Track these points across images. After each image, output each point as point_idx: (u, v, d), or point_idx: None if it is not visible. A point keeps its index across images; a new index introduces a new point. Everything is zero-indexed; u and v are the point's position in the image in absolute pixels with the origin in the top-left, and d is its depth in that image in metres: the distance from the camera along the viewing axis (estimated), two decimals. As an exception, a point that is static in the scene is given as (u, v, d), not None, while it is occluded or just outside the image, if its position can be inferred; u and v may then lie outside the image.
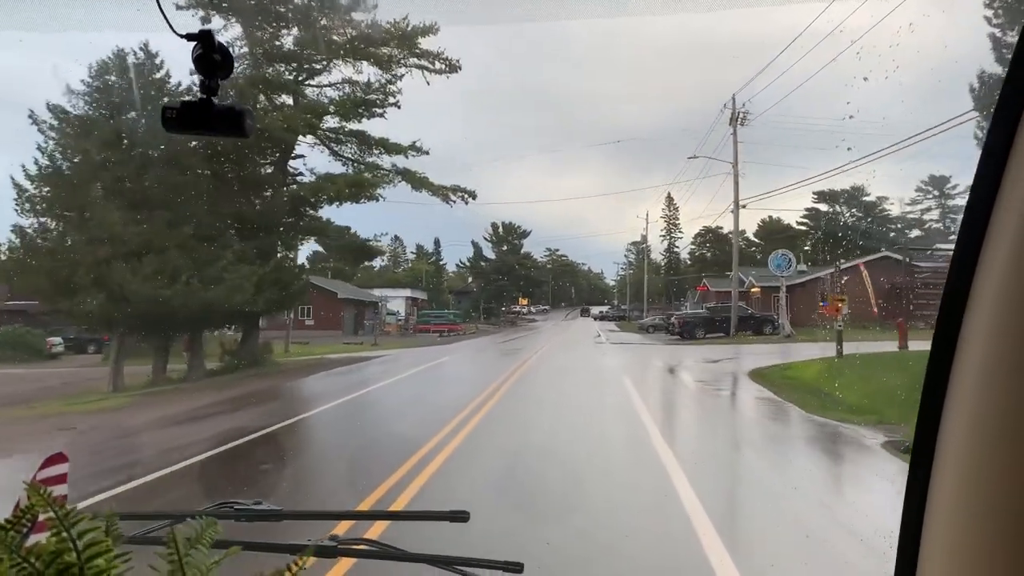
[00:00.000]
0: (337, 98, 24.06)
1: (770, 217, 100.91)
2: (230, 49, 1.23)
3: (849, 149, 46.06)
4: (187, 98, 1.26)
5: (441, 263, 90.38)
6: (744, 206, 33.72)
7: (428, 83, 25.02)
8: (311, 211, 24.29)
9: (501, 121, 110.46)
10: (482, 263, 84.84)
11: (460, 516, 1.56)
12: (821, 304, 43.09)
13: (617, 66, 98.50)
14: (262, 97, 23.24)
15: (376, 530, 4.72)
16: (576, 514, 6.62)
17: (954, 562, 1.05)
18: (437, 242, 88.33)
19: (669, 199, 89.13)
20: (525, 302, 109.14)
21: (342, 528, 3.21)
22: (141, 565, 0.83)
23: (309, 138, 25.08)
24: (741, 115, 32.86)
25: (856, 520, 6.59)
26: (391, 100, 23.98)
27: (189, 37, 1.22)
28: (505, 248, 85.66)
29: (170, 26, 1.22)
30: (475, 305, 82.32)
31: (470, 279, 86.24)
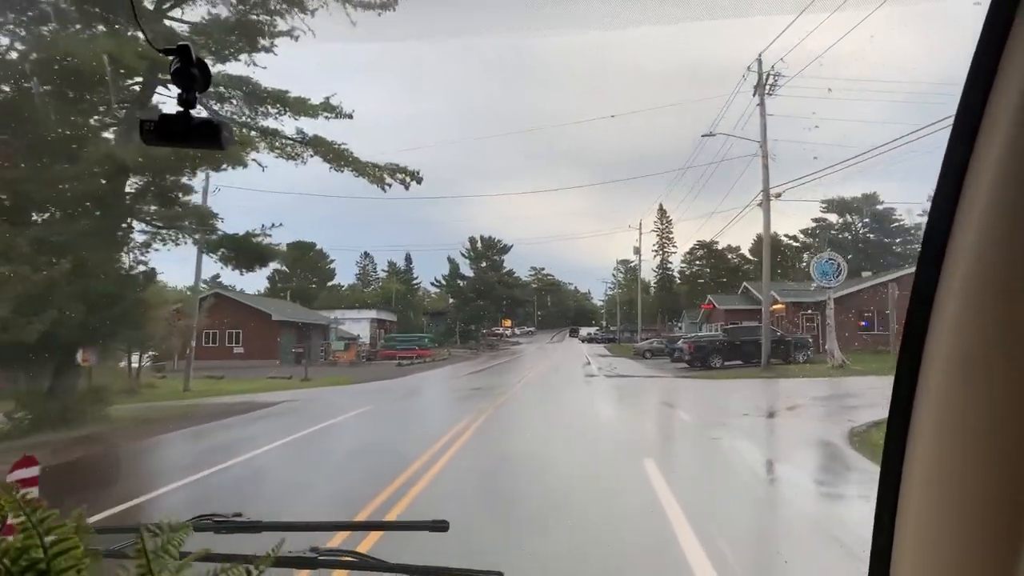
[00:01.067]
0: (202, 20, 16.28)
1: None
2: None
3: (815, 158, 42.70)
4: (165, 111, 1.27)
5: (414, 281, 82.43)
6: (778, 195, 26.13)
7: (354, 23, 17.65)
8: (157, 185, 16.21)
9: (483, 140, 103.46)
10: (459, 281, 76.96)
11: (440, 526, 1.59)
12: (862, 324, 35.84)
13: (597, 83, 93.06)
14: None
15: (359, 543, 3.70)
16: None
17: (926, 562, 1.12)
18: (408, 258, 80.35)
19: (661, 211, 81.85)
20: (508, 323, 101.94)
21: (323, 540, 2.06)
22: (111, 567, 0.83)
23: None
24: (770, 80, 25.33)
25: None
26: (282, 27, 16.25)
27: (167, 52, 1.25)
28: (484, 264, 77.81)
29: (148, 41, 1.69)
30: (451, 328, 74.34)
31: (451, 299, 78.30)
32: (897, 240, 69.44)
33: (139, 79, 15.72)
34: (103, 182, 14.42)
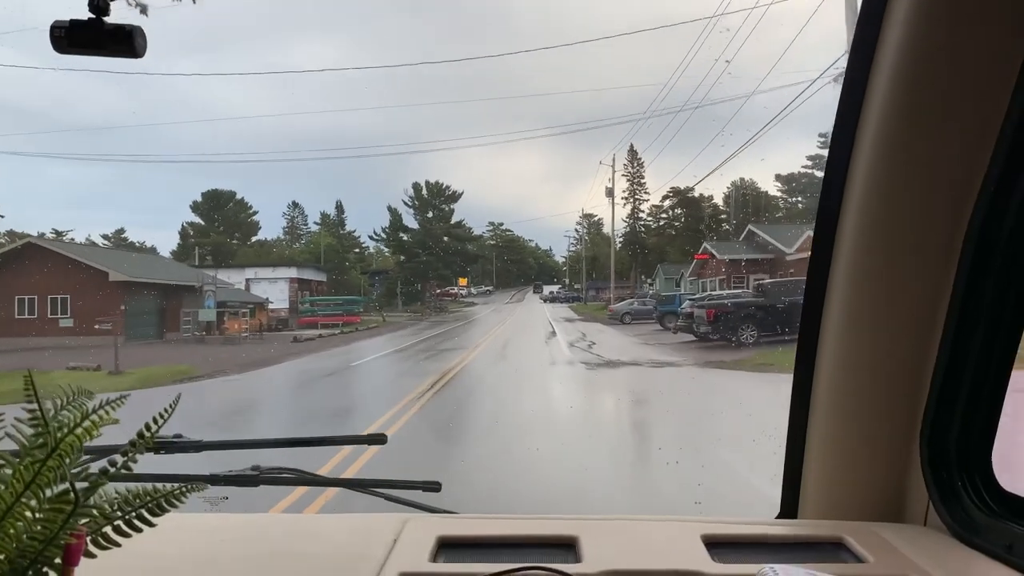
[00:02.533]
0: None
1: (742, 179, 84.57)
2: None
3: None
4: (75, 18, 1.17)
5: (354, 235, 71.50)
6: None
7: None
8: None
9: (436, 99, 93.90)
10: (402, 235, 66.44)
11: (378, 439, 1.61)
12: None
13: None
14: None
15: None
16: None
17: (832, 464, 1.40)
18: (340, 206, 68.98)
19: (632, 153, 71.78)
20: (464, 282, 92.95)
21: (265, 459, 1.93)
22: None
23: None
24: None
25: None
26: None
27: None
28: (431, 215, 67.44)
29: None
30: (393, 288, 64.09)
31: (393, 256, 67.55)
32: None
33: None
34: None
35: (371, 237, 68.94)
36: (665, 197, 76.33)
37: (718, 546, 1.25)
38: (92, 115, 71.32)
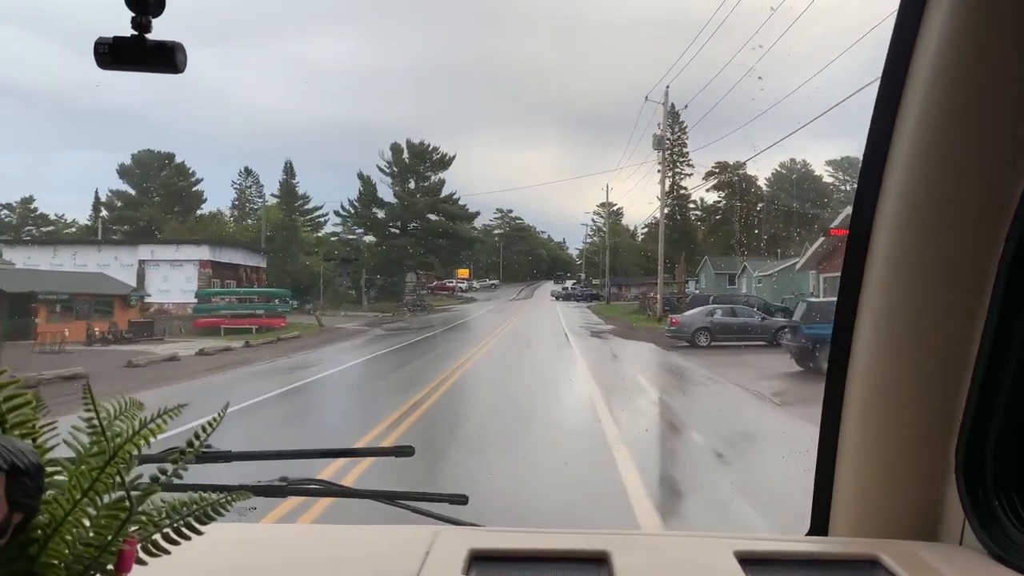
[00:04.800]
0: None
1: (793, 160, 68.94)
2: None
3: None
4: (118, 35, 1.20)
5: (320, 212, 56.50)
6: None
7: None
8: None
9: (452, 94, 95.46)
10: (375, 210, 51.18)
11: (405, 451, 1.64)
12: None
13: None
14: None
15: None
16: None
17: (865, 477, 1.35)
18: (289, 168, 52.81)
19: (672, 115, 56.38)
20: (465, 274, 79.32)
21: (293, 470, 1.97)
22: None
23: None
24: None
25: None
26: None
27: None
28: (413, 185, 52.00)
29: None
30: (370, 279, 49.37)
31: (361, 234, 52.16)
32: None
33: None
34: None
35: (337, 213, 53.46)
36: (710, 173, 59.80)
37: (752, 563, 1.22)
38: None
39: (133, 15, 1.16)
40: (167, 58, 1.18)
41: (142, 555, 0.80)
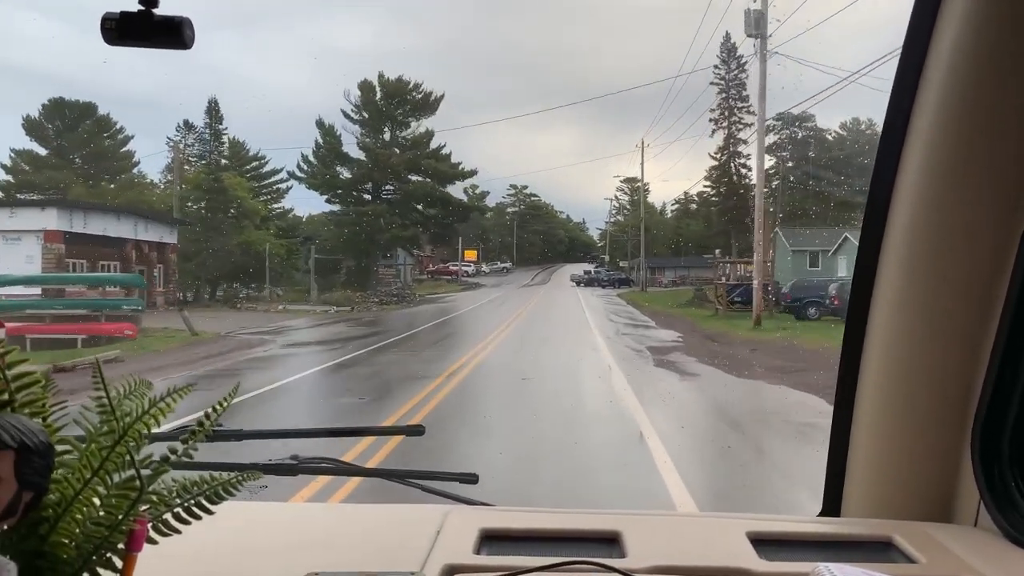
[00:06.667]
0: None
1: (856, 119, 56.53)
2: None
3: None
4: (125, 10, 1.19)
5: (276, 178, 44.51)
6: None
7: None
8: None
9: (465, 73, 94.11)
10: (338, 167, 38.58)
11: (416, 430, 1.63)
12: None
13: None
14: None
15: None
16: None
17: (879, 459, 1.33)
18: (213, 107, 40.05)
19: (729, 49, 44.04)
20: (472, 255, 69.70)
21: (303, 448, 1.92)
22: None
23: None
24: None
25: None
26: None
27: None
28: (388, 136, 39.33)
29: None
30: (315, 257, 37.67)
31: (328, 202, 40.13)
32: None
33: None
34: None
35: (291, 174, 41.28)
36: (770, 129, 46.67)
37: (764, 543, 1.21)
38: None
39: None
40: (174, 34, 1.15)
41: (153, 534, 0.81)
